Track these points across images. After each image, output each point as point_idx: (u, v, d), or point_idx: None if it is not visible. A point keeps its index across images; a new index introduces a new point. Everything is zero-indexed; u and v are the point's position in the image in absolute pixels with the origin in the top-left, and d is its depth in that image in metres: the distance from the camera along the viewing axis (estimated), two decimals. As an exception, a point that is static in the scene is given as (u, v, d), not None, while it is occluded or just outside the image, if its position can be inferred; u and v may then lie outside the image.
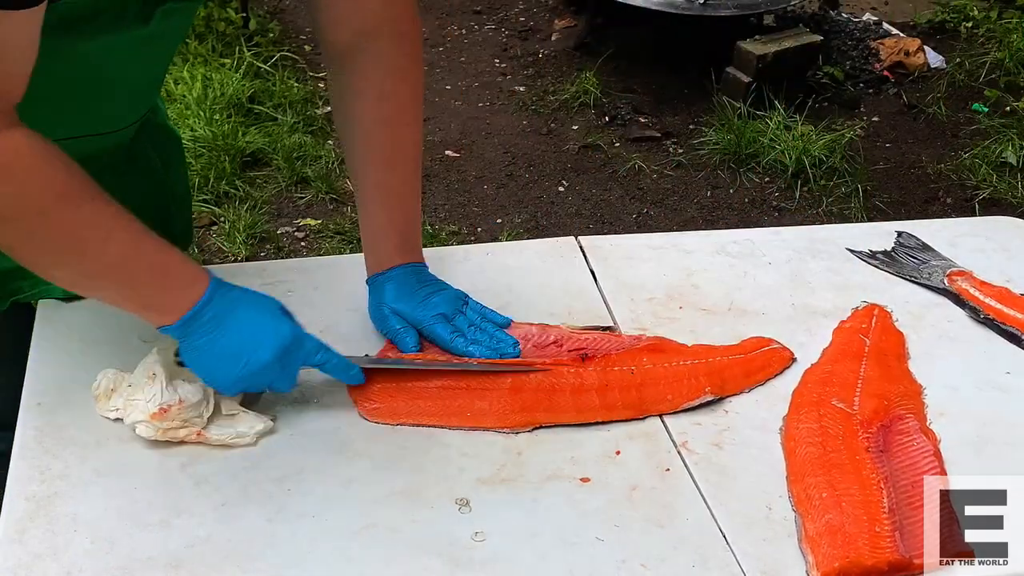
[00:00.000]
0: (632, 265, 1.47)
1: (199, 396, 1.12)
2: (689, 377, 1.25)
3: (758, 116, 3.73)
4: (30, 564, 0.99)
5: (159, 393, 1.10)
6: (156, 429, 1.10)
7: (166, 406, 1.10)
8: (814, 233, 1.62)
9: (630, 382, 1.23)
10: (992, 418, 1.24)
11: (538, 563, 1.03)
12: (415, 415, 1.19)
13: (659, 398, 1.22)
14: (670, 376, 1.25)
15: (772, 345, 1.32)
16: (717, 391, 1.24)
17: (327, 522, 1.05)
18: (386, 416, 1.19)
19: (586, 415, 1.20)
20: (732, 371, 1.27)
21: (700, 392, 1.23)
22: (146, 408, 1.10)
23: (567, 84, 4.00)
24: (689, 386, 1.24)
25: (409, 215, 1.32)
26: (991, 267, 1.49)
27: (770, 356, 1.30)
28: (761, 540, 1.07)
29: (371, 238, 1.32)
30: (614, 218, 3.41)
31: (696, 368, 1.26)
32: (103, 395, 1.15)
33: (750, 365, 1.29)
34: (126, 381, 1.14)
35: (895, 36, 4.37)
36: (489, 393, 1.21)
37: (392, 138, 1.29)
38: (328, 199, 3.32)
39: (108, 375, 1.15)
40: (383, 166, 1.29)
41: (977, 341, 1.37)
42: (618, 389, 1.22)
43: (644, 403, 1.22)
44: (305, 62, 4.01)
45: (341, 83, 1.29)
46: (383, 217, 1.30)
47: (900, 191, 3.61)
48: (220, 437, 1.13)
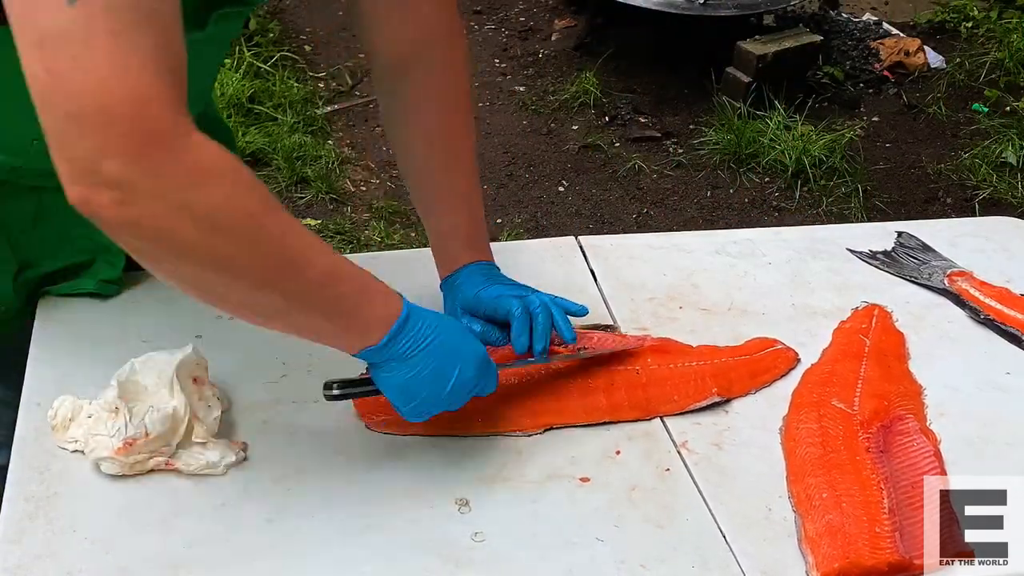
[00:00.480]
0: (632, 265, 1.47)
1: (166, 426, 1.07)
2: (696, 378, 1.25)
3: (758, 116, 3.73)
4: (30, 564, 0.99)
5: (123, 427, 1.05)
6: (122, 465, 1.06)
7: (131, 440, 1.05)
8: (814, 233, 1.62)
9: (636, 382, 1.23)
10: (992, 418, 1.24)
11: (538, 563, 1.03)
12: (424, 426, 1.14)
13: (665, 399, 1.22)
14: (676, 377, 1.25)
15: (776, 346, 1.31)
16: (724, 392, 1.24)
17: (327, 522, 1.05)
18: (395, 428, 1.16)
19: (593, 415, 1.20)
20: (738, 372, 1.27)
21: (707, 393, 1.23)
22: (110, 444, 1.05)
23: (567, 84, 4.00)
24: (696, 387, 1.24)
25: (477, 216, 1.32)
26: (991, 267, 1.49)
27: (776, 357, 1.30)
28: (761, 540, 1.07)
29: (441, 240, 1.31)
30: (614, 218, 3.41)
31: (702, 369, 1.26)
32: (60, 425, 1.09)
33: (756, 366, 1.29)
34: (85, 411, 1.09)
35: (895, 36, 4.37)
36: (499, 399, 1.18)
37: (455, 143, 1.30)
38: (328, 199, 3.32)
39: (65, 403, 1.10)
40: (449, 171, 1.30)
41: (977, 341, 1.37)
42: (624, 389, 1.22)
43: (650, 403, 1.22)
44: (305, 62, 4.01)
45: (399, 95, 1.28)
46: (452, 220, 1.30)
47: (900, 191, 3.60)
48: (190, 467, 1.08)
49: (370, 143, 3.68)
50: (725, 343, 1.33)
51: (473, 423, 1.17)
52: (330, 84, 3.98)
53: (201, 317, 1.28)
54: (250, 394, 1.19)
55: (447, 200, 1.31)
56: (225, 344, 1.24)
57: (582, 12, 4.35)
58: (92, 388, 1.12)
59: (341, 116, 3.82)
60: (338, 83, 3.99)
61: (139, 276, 1.32)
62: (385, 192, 3.41)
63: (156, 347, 1.24)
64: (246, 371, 1.22)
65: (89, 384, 1.14)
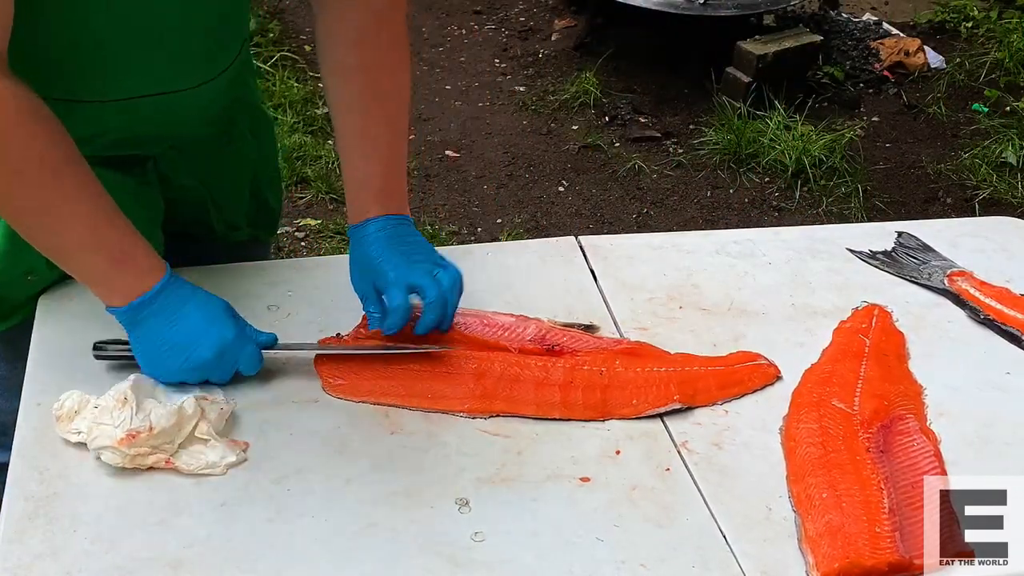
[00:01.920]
0: (632, 265, 1.47)
1: (171, 421, 1.08)
2: (660, 384, 1.23)
3: (758, 116, 3.73)
4: (30, 564, 0.99)
5: (128, 418, 1.07)
6: (123, 456, 1.06)
7: (135, 432, 1.06)
8: (814, 233, 1.62)
9: (596, 383, 1.23)
10: (992, 418, 1.24)
11: (538, 563, 1.03)
12: (377, 394, 1.21)
13: (623, 402, 1.21)
14: (640, 381, 1.23)
15: (759, 361, 1.29)
16: (687, 400, 1.22)
17: (327, 522, 1.05)
18: (348, 392, 1.21)
19: (545, 410, 1.20)
20: (706, 382, 1.25)
21: (669, 400, 1.21)
22: (113, 434, 1.06)
23: (567, 84, 4.00)
24: (657, 393, 1.22)
25: (390, 165, 1.30)
26: (991, 267, 1.49)
27: (751, 371, 1.28)
28: (761, 540, 1.07)
29: (353, 188, 1.30)
30: (614, 218, 3.41)
31: (669, 376, 1.24)
32: (65, 416, 1.11)
33: (727, 378, 1.26)
34: (91, 403, 1.10)
35: (895, 36, 4.37)
36: (452, 377, 1.22)
37: (371, 84, 1.28)
38: (328, 199, 3.32)
39: (73, 396, 1.11)
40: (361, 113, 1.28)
41: (977, 341, 1.37)
42: (582, 388, 1.22)
43: (607, 406, 1.21)
44: (305, 62, 4.01)
45: (321, 27, 1.28)
46: (367, 168, 1.29)
47: (900, 191, 3.61)
48: (190, 466, 1.09)
49: (370, 143, 3.68)
50: (725, 343, 1.33)
51: (423, 399, 1.20)
52: (330, 84, 3.98)
53: (201, 317, 1.28)
54: (250, 394, 1.19)
55: (358, 145, 1.29)
56: (225, 344, 1.25)
57: (582, 12, 4.35)
58: (92, 388, 1.12)
59: (341, 116, 3.82)
60: (338, 83, 3.99)
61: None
62: (385, 192, 3.40)
63: (156, 347, 1.24)
64: (246, 371, 1.22)
65: (89, 384, 1.14)
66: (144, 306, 1.14)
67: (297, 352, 1.23)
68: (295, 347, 1.24)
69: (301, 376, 1.22)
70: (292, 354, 1.24)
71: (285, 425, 1.16)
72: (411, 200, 3.71)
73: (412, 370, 1.22)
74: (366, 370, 1.22)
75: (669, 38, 4.10)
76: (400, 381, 1.22)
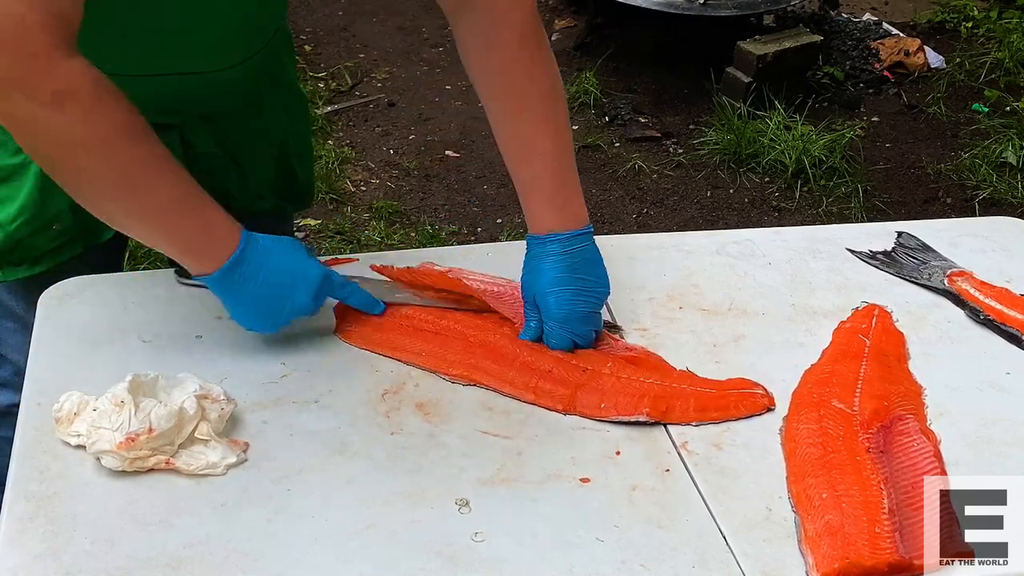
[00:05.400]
0: (632, 265, 1.47)
1: (171, 423, 1.08)
2: (632, 394, 1.22)
3: (758, 116, 3.73)
4: (30, 564, 0.99)
5: (127, 421, 1.06)
6: (122, 460, 1.06)
7: (133, 435, 1.05)
8: (814, 233, 1.62)
9: (571, 380, 1.23)
10: (992, 418, 1.24)
11: (538, 563, 1.03)
12: (381, 345, 1.28)
13: (591, 403, 1.21)
14: (615, 387, 1.23)
15: (756, 390, 1.25)
16: (657, 415, 1.20)
17: (327, 522, 1.05)
18: (355, 339, 1.28)
19: (515, 388, 1.23)
20: (684, 401, 1.22)
21: (637, 411, 1.20)
22: (112, 438, 1.05)
23: (567, 84, 4.00)
24: (628, 403, 1.21)
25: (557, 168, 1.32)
26: (991, 267, 1.49)
27: (741, 399, 1.24)
28: (761, 541, 1.07)
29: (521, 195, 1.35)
30: (614, 218, 3.41)
31: (645, 387, 1.23)
32: (65, 418, 1.10)
33: (711, 402, 1.23)
34: (90, 406, 1.09)
35: (895, 36, 4.37)
36: (450, 341, 1.28)
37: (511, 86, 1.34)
38: (328, 199, 3.32)
39: (72, 398, 1.11)
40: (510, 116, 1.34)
41: (977, 341, 1.37)
42: (556, 382, 1.23)
43: (574, 403, 1.21)
44: (305, 62, 4.01)
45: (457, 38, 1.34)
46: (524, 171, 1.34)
47: (900, 191, 3.61)
48: (190, 466, 1.09)
49: (370, 143, 3.68)
50: (725, 343, 1.33)
51: (420, 357, 1.27)
52: (330, 84, 3.98)
53: (201, 317, 1.28)
54: (250, 394, 1.19)
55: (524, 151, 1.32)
56: (225, 344, 1.25)
57: (582, 12, 4.35)
58: (92, 388, 1.12)
59: (341, 116, 3.82)
60: (338, 83, 3.99)
61: (139, 276, 1.32)
62: (385, 192, 3.40)
63: (156, 347, 1.24)
64: (246, 371, 1.22)
65: (89, 384, 1.14)
66: (235, 267, 1.16)
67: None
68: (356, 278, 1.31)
69: (301, 376, 1.23)
70: (291, 355, 1.24)
71: (285, 425, 1.16)
72: (411, 200, 3.70)
73: (420, 331, 1.30)
74: (379, 322, 1.30)
75: (669, 38, 4.10)
76: (407, 338, 1.29)
